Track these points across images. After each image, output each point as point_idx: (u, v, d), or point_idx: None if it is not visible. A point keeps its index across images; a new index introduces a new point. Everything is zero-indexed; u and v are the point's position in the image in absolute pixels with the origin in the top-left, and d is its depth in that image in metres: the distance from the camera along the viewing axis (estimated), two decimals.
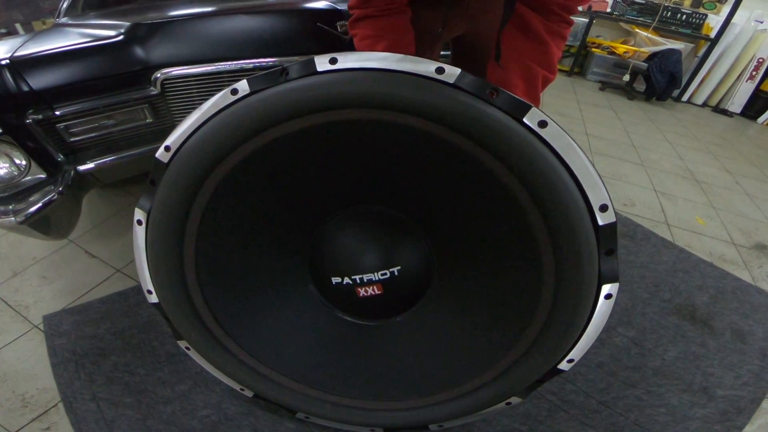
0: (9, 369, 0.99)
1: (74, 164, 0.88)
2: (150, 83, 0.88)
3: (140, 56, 0.87)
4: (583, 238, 0.49)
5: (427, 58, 0.49)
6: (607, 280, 0.52)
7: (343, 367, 0.71)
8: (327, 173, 0.59)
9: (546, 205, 0.48)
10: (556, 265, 0.51)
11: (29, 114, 0.79)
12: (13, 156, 0.80)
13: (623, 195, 1.95)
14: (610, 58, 4.21)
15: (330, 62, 0.51)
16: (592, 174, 0.48)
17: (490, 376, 0.62)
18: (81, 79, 0.83)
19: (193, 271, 0.63)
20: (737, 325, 1.19)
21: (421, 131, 0.49)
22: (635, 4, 4.18)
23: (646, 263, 1.38)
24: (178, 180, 0.56)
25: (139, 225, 0.62)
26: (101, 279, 1.24)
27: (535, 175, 0.47)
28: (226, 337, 0.68)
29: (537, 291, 0.54)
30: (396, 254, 0.66)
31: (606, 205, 0.49)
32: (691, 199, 2.04)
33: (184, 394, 0.91)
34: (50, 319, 1.08)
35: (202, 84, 0.93)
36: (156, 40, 0.90)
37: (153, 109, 0.92)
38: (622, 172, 2.21)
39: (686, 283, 1.32)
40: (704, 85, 4.22)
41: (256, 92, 0.52)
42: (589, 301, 0.53)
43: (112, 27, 0.96)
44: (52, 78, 0.81)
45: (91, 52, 0.86)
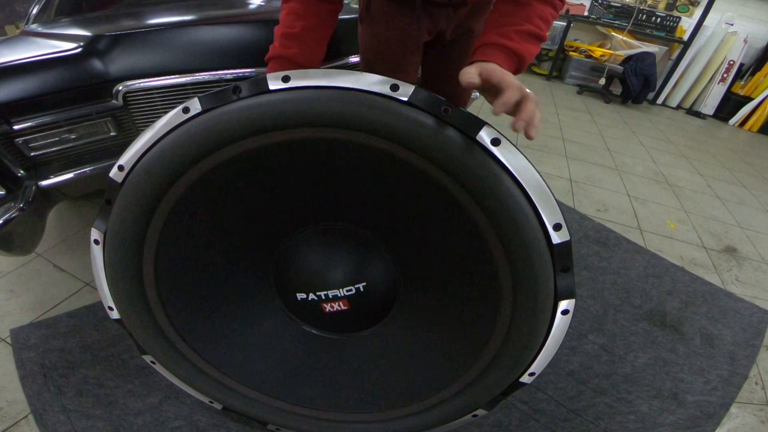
0: None
1: (36, 179, 0.86)
2: (112, 96, 0.87)
3: (100, 69, 0.86)
4: (538, 256, 0.50)
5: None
6: (563, 296, 0.53)
7: (311, 380, 0.72)
8: (287, 190, 0.59)
9: (500, 224, 0.49)
10: (512, 283, 0.52)
11: None
12: None
13: (597, 200, 1.98)
14: (588, 62, 4.32)
15: (282, 80, 0.51)
16: (546, 193, 0.49)
17: (454, 390, 0.64)
18: (39, 93, 0.81)
19: (154, 288, 0.62)
20: (706, 329, 1.21)
21: (376, 149, 0.50)
22: (611, 8, 4.29)
23: (617, 269, 1.39)
24: (133, 200, 0.55)
25: (96, 245, 0.62)
26: (70, 293, 1.22)
27: (488, 195, 0.48)
28: (191, 352, 0.68)
29: (496, 308, 0.55)
30: (361, 270, 0.66)
31: (560, 224, 0.50)
32: (663, 203, 2.09)
33: (155, 406, 0.90)
34: (17, 333, 1.06)
35: (166, 96, 0.92)
36: (117, 52, 0.89)
37: (116, 122, 0.90)
38: (597, 177, 2.25)
39: (657, 288, 1.33)
40: (678, 88, 4.36)
41: (208, 110, 0.52)
42: (546, 317, 0.54)
43: (74, 38, 0.94)
44: (8, 92, 0.79)
45: (49, 64, 0.84)
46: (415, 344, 0.67)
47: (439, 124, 0.48)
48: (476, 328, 0.59)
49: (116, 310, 0.68)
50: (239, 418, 0.87)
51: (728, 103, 4.18)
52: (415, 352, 0.67)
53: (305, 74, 0.51)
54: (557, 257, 0.51)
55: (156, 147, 0.54)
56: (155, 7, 1.38)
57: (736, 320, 1.27)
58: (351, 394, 0.71)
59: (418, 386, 0.67)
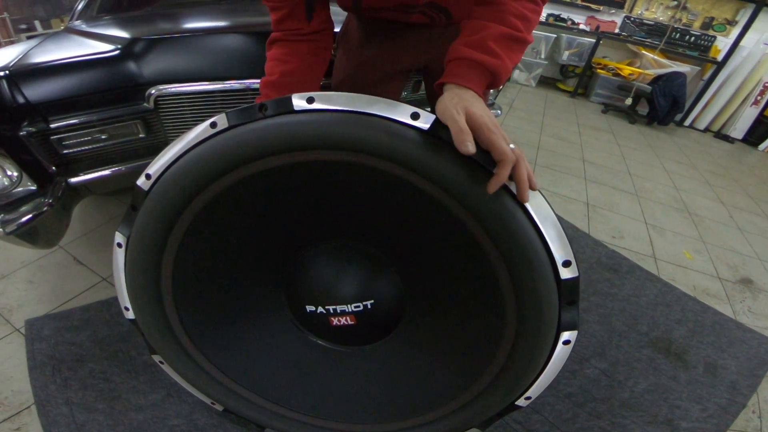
0: None
1: (65, 176, 0.89)
2: (144, 99, 0.89)
3: (135, 72, 0.89)
4: (545, 291, 0.51)
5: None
6: (566, 328, 0.55)
7: (313, 388, 0.73)
8: (304, 207, 0.60)
9: (511, 257, 0.50)
10: (517, 313, 0.53)
11: (24, 126, 0.80)
12: (5, 167, 0.81)
13: (613, 227, 1.93)
14: (615, 80, 4.22)
15: (307, 101, 0.52)
16: (558, 231, 0.51)
17: (451, 408, 0.65)
18: (77, 93, 0.84)
19: (170, 293, 0.64)
20: (711, 358, 1.20)
21: (392, 175, 0.50)
22: (644, 25, 4.19)
23: (627, 296, 1.38)
24: (157, 208, 0.57)
25: (119, 248, 0.63)
26: (86, 287, 1.24)
27: (502, 229, 0.49)
28: (200, 355, 0.69)
29: (499, 334, 0.56)
30: (370, 288, 0.67)
31: (569, 261, 0.51)
32: (681, 232, 2.03)
33: (156, 404, 0.92)
34: (32, 324, 1.09)
35: (195, 102, 0.94)
36: (152, 56, 0.91)
37: (146, 124, 0.93)
38: (615, 202, 2.19)
39: (666, 316, 1.32)
40: (708, 110, 4.22)
41: (233, 127, 0.54)
42: (548, 347, 0.56)
43: (113, 39, 0.98)
44: (48, 91, 0.82)
45: (88, 65, 0.87)
46: (416, 361, 0.68)
47: (457, 156, 0.48)
48: (478, 353, 0.60)
49: (132, 310, 0.69)
50: (238, 421, 0.87)
51: (759, 128, 4.02)
52: (416, 369, 0.68)
53: (329, 97, 0.52)
54: (564, 292, 0.53)
55: (183, 159, 0.55)
56: (190, 10, 1.42)
57: (742, 350, 1.25)
58: (350, 404, 0.72)
59: (416, 402, 0.68)
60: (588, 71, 4.35)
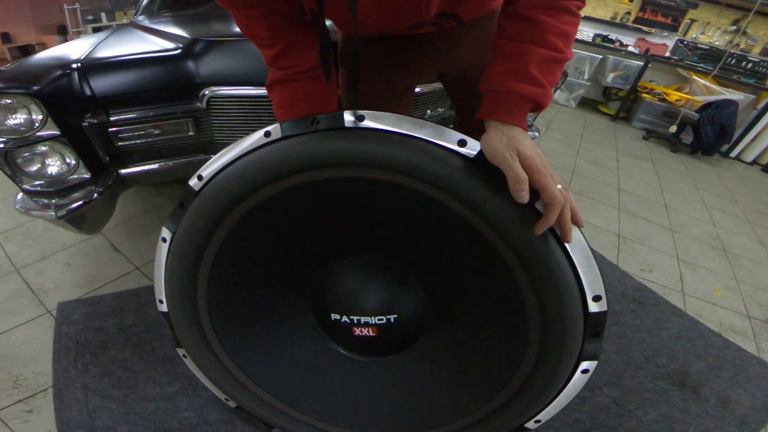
0: (12, 350, 1.02)
1: (117, 167, 0.93)
2: (197, 99, 0.93)
3: (193, 72, 0.92)
4: (571, 322, 0.52)
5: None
6: (586, 357, 0.56)
7: (326, 394, 0.73)
8: (340, 220, 0.61)
9: (541, 288, 0.51)
10: (541, 340, 0.54)
11: (86, 117, 0.84)
12: (65, 155, 0.85)
13: (642, 259, 1.87)
14: (660, 105, 4.01)
15: (357, 119, 0.53)
16: (592, 266, 0.51)
17: (460, 425, 0.66)
18: (138, 89, 0.88)
19: (205, 291, 0.65)
20: (726, 393, 1.17)
21: (433, 199, 0.51)
22: (698, 50, 4.01)
23: (649, 328, 1.36)
24: (205, 210, 0.58)
25: (164, 242, 0.65)
26: (120, 274, 1.28)
27: (536, 261, 0.50)
28: (222, 352, 0.71)
29: (519, 358, 0.57)
30: (395, 304, 0.68)
31: (600, 296, 0.52)
32: (714, 270, 1.93)
33: (170, 395, 0.93)
34: (64, 307, 1.13)
35: (243, 105, 0.97)
36: (209, 58, 0.95)
37: (196, 123, 0.96)
38: (647, 235, 2.10)
39: (686, 350, 1.31)
40: (758, 141, 3.93)
41: (287, 137, 0.55)
42: (566, 374, 0.57)
43: (174, 38, 1.02)
44: (113, 85, 0.87)
45: (151, 62, 0.92)
46: (431, 377, 0.68)
47: (502, 187, 0.48)
48: (494, 374, 0.61)
49: (165, 303, 0.71)
50: (248, 418, 0.88)
51: None
52: (430, 385, 0.69)
53: (378, 116, 0.53)
54: (590, 324, 0.53)
55: (236, 164, 0.57)
56: None
57: (760, 387, 1.22)
58: (360, 413, 0.72)
59: (426, 417, 0.69)
60: (632, 95, 4.18)
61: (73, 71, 0.84)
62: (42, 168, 0.87)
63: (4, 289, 1.21)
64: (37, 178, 0.88)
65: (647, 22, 4.20)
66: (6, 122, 0.79)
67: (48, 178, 0.88)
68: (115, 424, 0.85)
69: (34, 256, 1.34)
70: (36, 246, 1.39)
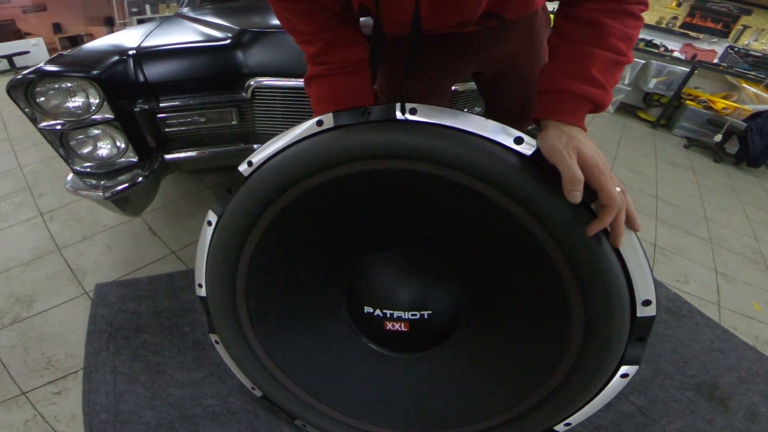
0: (48, 330, 1.06)
1: (162, 152, 0.96)
2: (243, 89, 0.94)
3: (240, 62, 0.94)
4: (618, 326, 0.51)
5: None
6: (628, 362, 0.55)
7: (352, 388, 0.73)
8: (383, 212, 0.61)
9: (589, 290, 0.50)
10: (583, 342, 0.53)
11: (138, 103, 0.87)
12: (116, 139, 0.88)
13: (679, 270, 1.82)
14: (705, 113, 3.83)
15: (410, 112, 0.53)
16: (644, 269, 0.50)
17: (490, 424, 0.66)
18: (188, 77, 0.91)
19: (244, 277, 0.66)
20: (755, 406, 1.13)
21: (484, 196, 0.51)
22: (749, 57, 3.82)
23: (682, 339, 1.33)
24: (253, 195, 0.59)
25: (209, 226, 0.66)
26: (156, 258, 1.32)
27: (585, 262, 0.49)
28: (255, 340, 0.71)
29: (557, 360, 0.56)
30: (430, 299, 0.67)
31: (650, 300, 0.51)
32: (753, 283, 1.85)
33: (196, 382, 0.94)
34: (101, 288, 1.16)
35: (286, 97, 0.97)
36: (256, 49, 0.96)
37: (240, 112, 0.97)
38: (685, 247, 2.02)
39: (718, 362, 1.27)
40: None
41: (339, 127, 0.55)
42: (605, 378, 0.56)
43: (222, 28, 1.04)
44: (164, 72, 0.90)
45: (201, 51, 0.94)
46: (462, 375, 0.68)
47: (557, 186, 0.47)
48: (529, 375, 0.60)
49: (204, 288, 0.71)
50: (271, 408, 0.88)
51: None
52: (460, 383, 0.68)
53: (432, 110, 0.52)
54: (637, 328, 0.52)
55: (286, 152, 0.57)
56: None
57: None
58: (385, 408, 0.72)
59: (456, 414, 0.68)
60: (675, 101, 4.00)
61: (128, 58, 0.87)
62: (93, 150, 0.90)
63: (45, 269, 1.26)
64: (88, 160, 0.91)
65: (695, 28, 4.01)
66: (65, 105, 0.82)
67: (98, 160, 0.91)
68: (140, 409, 0.87)
69: (75, 237, 1.40)
70: (78, 226, 1.46)
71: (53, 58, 0.82)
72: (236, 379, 0.82)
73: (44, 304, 1.13)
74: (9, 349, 1.00)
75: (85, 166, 0.92)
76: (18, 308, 1.12)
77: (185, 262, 1.30)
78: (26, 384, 0.93)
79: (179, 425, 0.85)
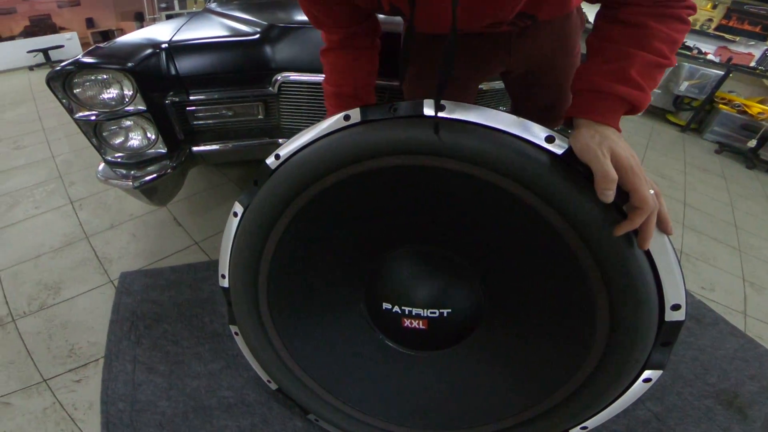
0: (73, 318, 1.09)
1: (190, 145, 0.98)
2: (270, 84, 0.95)
3: (269, 57, 0.95)
4: (644, 330, 0.50)
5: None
6: (652, 366, 0.53)
7: (366, 384, 0.73)
8: (406, 208, 0.60)
9: (617, 292, 0.49)
10: (607, 345, 0.52)
11: (169, 96, 0.89)
12: (147, 130, 0.91)
13: (705, 278, 1.76)
14: (739, 118, 3.69)
15: (438, 108, 0.52)
16: (675, 273, 0.49)
17: (504, 425, 0.65)
18: (218, 71, 0.93)
19: (266, 270, 0.66)
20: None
21: (511, 194, 0.50)
22: None
23: (704, 347, 1.31)
24: (280, 187, 0.59)
25: (235, 216, 0.67)
26: (179, 248, 1.35)
27: (614, 264, 0.48)
28: (274, 332, 0.72)
29: (579, 362, 0.55)
30: (450, 297, 0.67)
31: (679, 305, 0.50)
32: None
33: (213, 373, 0.95)
34: (125, 277, 1.19)
35: (312, 92, 0.98)
36: (284, 44, 0.97)
37: (266, 107, 0.99)
38: (712, 254, 1.96)
39: (739, 371, 1.24)
40: None
41: (365, 122, 0.55)
42: (627, 382, 0.55)
43: (250, 23, 1.06)
44: (195, 66, 0.92)
45: (231, 46, 0.96)
46: (480, 376, 0.67)
47: (588, 187, 0.46)
48: (550, 377, 0.59)
49: (228, 278, 0.72)
50: (285, 402, 0.89)
51: None
52: (477, 383, 0.67)
53: (460, 107, 0.52)
54: (664, 333, 0.51)
55: (314, 145, 0.58)
56: None
57: None
58: (399, 406, 0.72)
59: (471, 414, 0.67)
60: (708, 105, 3.87)
61: (161, 51, 0.89)
62: (125, 141, 0.93)
63: (73, 256, 1.30)
64: (119, 151, 0.94)
65: (731, 30, 3.86)
66: (100, 96, 0.85)
67: (129, 150, 0.94)
68: (157, 398, 0.88)
69: (103, 225, 1.45)
70: (106, 215, 1.50)
71: (90, 50, 0.85)
72: (252, 372, 0.83)
73: (70, 292, 1.17)
74: (34, 336, 1.03)
75: (116, 156, 0.94)
76: (45, 295, 1.16)
77: (207, 253, 1.33)
78: (48, 371, 0.95)
79: (193, 416, 0.86)
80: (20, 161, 1.95)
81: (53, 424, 0.85)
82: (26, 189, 1.69)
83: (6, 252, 1.32)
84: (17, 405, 0.89)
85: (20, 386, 0.92)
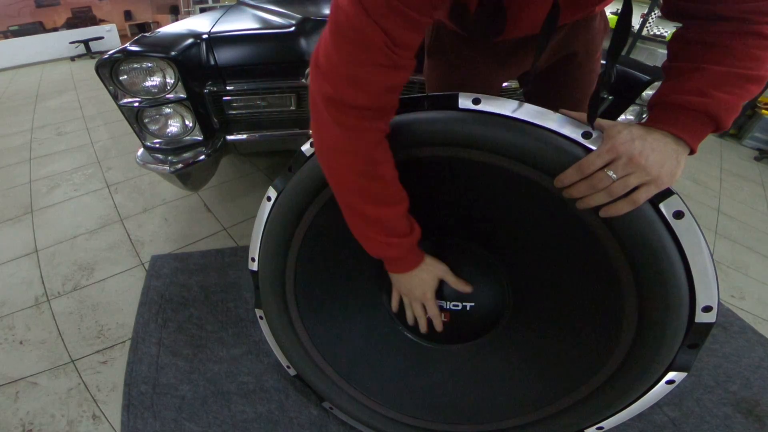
0: (104, 299, 1.11)
1: (224, 133, 1.01)
2: (303, 75, 0.97)
3: (303, 49, 0.97)
4: (672, 331, 0.49)
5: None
6: (677, 368, 0.52)
7: (384, 375, 0.73)
8: (434, 201, 0.60)
9: (646, 291, 0.48)
10: (632, 344, 0.51)
11: (208, 85, 0.93)
12: (185, 117, 0.94)
13: (735, 286, 1.71)
14: None
15: (473, 102, 0.52)
16: (709, 275, 0.47)
17: (522, 421, 0.64)
18: (255, 62, 0.95)
19: (295, 255, 0.68)
20: None
21: (545, 189, 0.49)
22: None
23: (728, 354, 1.27)
24: (313, 173, 0.61)
25: (268, 201, 0.69)
26: (209, 233, 1.39)
27: (645, 262, 0.47)
28: (297, 318, 0.73)
29: (601, 362, 0.54)
30: (473, 291, 0.65)
31: (711, 306, 0.48)
32: None
33: (235, 358, 0.96)
34: (156, 260, 1.22)
35: None
36: (317, 37, 0.99)
37: (298, 99, 1.01)
38: (745, 263, 1.89)
39: (764, 380, 1.21)
40: None
41: (399, 113, 0.55)
42: (650, 383, 0.53)
43: (285, 16, 1.08)
44: (233, 57, 0.95)
45: (267, 38, 0.99)
46: (500, 371, 0.66)
47: None
48: (571, 375, 0.59)
49: (257, 262, 0.74)
50: (301, 389, 0.90)
51: None
52: (497, 378, 0.66)
53: (496, 101, 0.51)
54: (692, 334, 0.50)
55: None
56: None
57: None
58: (415, 398, 0.71)
59: (485, 410, 0.67)
60: (749, 110, 3.70)
61: (201, 42, 0.92)
62: (164, 128, 0.97)
63: (107, 238, 1.36)
64: (158, 137, 0.98)
65: None
66: (143, 83, 0.89)
67: (167, 137, 0.98)
68: (178, 382, 0.90)
69: (137, 209, 1.51)
70: (140, 199, 1.57)
71: (135, 39, 0.90)
72: (272, 358, 0.84)
73: (104, 273, 1.20)
74: (66, 316, 1.06)
75: (155, 142, 0.99)
76: (80, 276, 1.19)
77: (235, 239, 1.37)
78: (76, 352, 0.97)
79: (212, 400, 0.87)
80: (62, 146, 2.06)
81: (76, 405, 0.87)
82: (66, 173, 1.78)
83: (46, 232, 1.39)
84: (43, 385, 0.91)
85: (49, 366, 0.94)
